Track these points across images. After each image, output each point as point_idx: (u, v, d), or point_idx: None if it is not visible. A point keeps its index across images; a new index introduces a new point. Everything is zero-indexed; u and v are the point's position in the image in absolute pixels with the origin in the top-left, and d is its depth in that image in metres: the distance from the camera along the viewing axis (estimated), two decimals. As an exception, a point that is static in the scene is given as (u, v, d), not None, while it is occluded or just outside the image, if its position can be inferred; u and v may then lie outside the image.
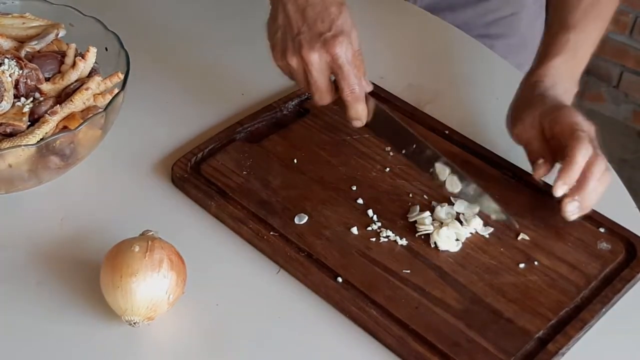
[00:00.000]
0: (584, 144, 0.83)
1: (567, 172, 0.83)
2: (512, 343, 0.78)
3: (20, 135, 0.84)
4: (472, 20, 1.26)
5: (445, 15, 1.24)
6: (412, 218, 0.88)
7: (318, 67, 0.87)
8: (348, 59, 0.86)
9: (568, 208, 0.84)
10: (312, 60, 0.86)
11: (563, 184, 0.83)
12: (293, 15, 0.88)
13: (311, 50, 0.86)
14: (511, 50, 1.23)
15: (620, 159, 2.28)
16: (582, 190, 0.84)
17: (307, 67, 0.87)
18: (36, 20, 0.98)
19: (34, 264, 0.84)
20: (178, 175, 0.92)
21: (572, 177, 0.83)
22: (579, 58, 0.94)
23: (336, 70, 0.87)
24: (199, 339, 0.79)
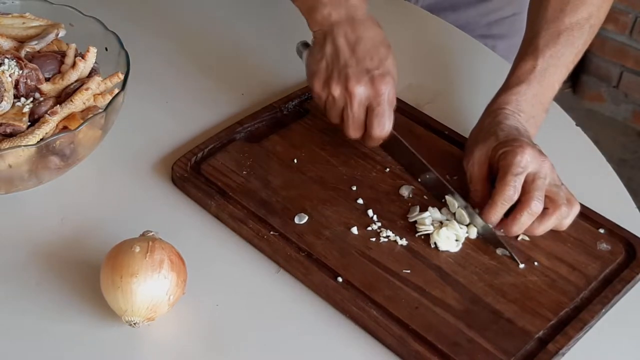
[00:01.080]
0: (505, 188, 0.84)
1: (487, 213, 0.85)
2: (512, 343, 0.78)
3: (20, 136, 0.84)
4: (473, 20, 1.26)
5: (447, 15, 1.24)
6: (412, 218, 0.88)
7: (360, 100, 0.89)
8: (389, 99, 0.89)
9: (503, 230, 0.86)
10: (357, 93, 0.88)
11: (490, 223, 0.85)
12: (343, 48, 0.90)
13: (358, 84, 0.88)
14: (513, 50, 1.22)
15: (620, 159, 2.28)
16: (510, 227, 0.85)
17: (350, 98, 0.89)
18: (36, 20, 0.97)
19: (34, 264, 0.84)
20: (178, 175, 0.92)
21: (492, 218, 0.85)
22: (546, 85, 0.92)
23: (375, 106, 0.89)
24: (199, 339, 0.79)
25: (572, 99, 2.49)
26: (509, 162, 0.85)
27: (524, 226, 0.84)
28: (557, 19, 0.92)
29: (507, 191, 0.84)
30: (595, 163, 1.00)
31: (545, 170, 0.85)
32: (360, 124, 0.90)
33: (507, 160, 0.85)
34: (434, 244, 0.86)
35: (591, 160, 1.01)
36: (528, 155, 0.85)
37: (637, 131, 2.42)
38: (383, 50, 0.91)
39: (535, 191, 0.84)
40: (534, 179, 0.84)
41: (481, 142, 0.89)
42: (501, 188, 0.84)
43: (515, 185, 0.84)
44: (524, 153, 0.84)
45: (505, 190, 0.84)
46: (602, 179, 0.98)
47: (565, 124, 1.06)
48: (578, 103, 2.47)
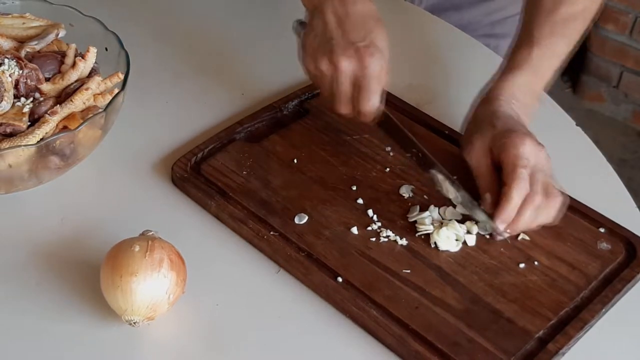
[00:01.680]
0: (520, 183, 0.83)
1: (504, 210, 0.84)
2: (512, 343, 0.78)
3: (20, 135, 0.84)
4: (477, 20, 1.26)
5: (450, 15, 1.24)
6: (412, 218, 0.88)
7: (345, 73, 0.87)
8: (375, 72, 0.87)
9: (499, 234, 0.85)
10: (342, 66, 0.87)
11: (502, 222, 0.84)
12: (330, 22, 0.89)
13: (342, 56, 0.87)
14: None
15: (620, 159, 2.28)
16: (515, 223, 0.84)
17: (336, 72, 0.87)
18: (36, 21, 0.98)
19: (34, 264, 0.84)
20: (178, 175, 0.92)
21: (509, 215, 0.84)
22: (540, 74, 0.92)
23: (361, 79, 0.87)
24: (199, 339, 0.79)
25: (572, 99, 2.49)
26: (513, 154, 0.84)
27: (529, 222, 0.84)
28: (554, 9, 0.92)
29: (521, 186, 0.83)
30: (595, 163, 1.00)
31: (542, 162, 0.85)
32: (347, 98, 0.89)
33: (510, 152, 0.84)
34: (434, 243, 0.86)
35: (591, 160, 1.01)
36: (529, 147, 0.85)
37: (637, 131, 2.42)
38: (371, 23, 0.89)
39: (537, 185, 0.84)
40: (534, 171, 0.84)
41: (479, 132, 0.89)
42: (515, 183, 0.83)
43: (526, 178, 0.84)
44: (525, 144, 0.84)
45: (520, 185, 0.83)
46: (602, 179, 0.98)
47: (565, 124, 1.06)
48: (578, 103, 2.47)
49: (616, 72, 2.39)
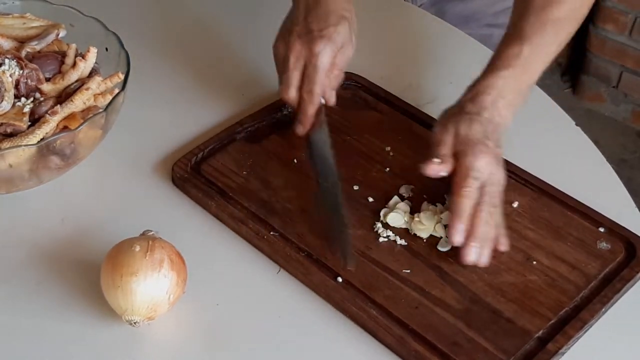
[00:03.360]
0: (466, 198, 0.83)
1: (455, 224, 0.83)
2: (511, 342, 0.78)
3: (21, 135, 0.84)
4: (481, 10, 1.26)
5: (455, 5, 1.25)
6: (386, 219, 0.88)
7: (295, 56, 0.92)
8: (323, 63, 0.91)
9: (470, 257, 0.83)
10: (293, 49, 0.92)
11: (456, 232, 0.83)
12: (300, 11, 0.94)
13: (296, 40, 0.92)
14: None
15: (620, 159, 2.28)
16: (473, 235, 0.83)
17: (288, 53, 0.92)
18: (36, 21, 0.98)
19: (34, 264, 0.84)
20: (178, 175, 0.92)
21: (459, 227, 0.83)
22: (529, 72, 0.92)
23: (308, 66, 0.91)
24: (199, 339, 0.79)
25: (572, 99, 2.49)
26: (469, 163, 0.84)
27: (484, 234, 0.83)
28: (545, 8, 0.92)
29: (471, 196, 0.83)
30: (595, 163, 1.00)
31: (495, 179, 0.85)
32: (290, 82, 0.92)
33: (466, 160, 0.84)
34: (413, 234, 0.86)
35: (591, 160, 1.01)
36: (485, 161, 0.84)
37: (637, 131, 2.42)
38: (333, 18, 0.93)
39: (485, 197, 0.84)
40: (484, 185, 0.84)
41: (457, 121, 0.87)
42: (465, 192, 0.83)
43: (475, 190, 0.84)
44: (483, 158, 0.84)
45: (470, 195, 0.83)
46: (602, 179, 0.98)
47: (565, 124, 1.06)
48: (578, 103, 2.47)
49: (616, 72, 2.39)
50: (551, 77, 2.49)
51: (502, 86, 0.89)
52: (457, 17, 1.25)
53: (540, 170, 0.94)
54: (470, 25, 1.24)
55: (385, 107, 1.03)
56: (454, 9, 1.24)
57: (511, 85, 0.90)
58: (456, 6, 1.25)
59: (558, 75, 2.52)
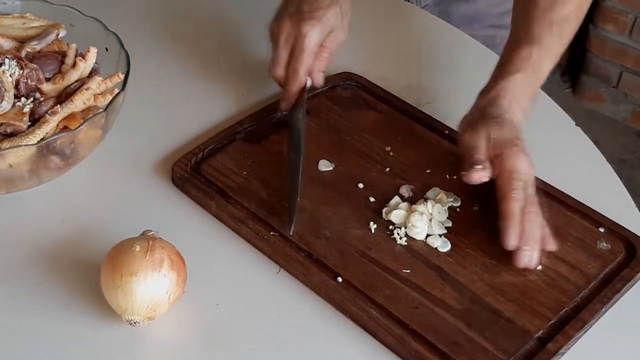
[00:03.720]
0: (516, 200, 0.83)
1: (510, 227, 0.82)
2: (511, 343, 0.78)
3: (21, 135, 0.84)
4: (485, 11, 1.26)
5: (459, 6, 1.25)
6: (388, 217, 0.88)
7: (285, 36, 0.95)
8: (310, 43, 0.95)
9: (524, 260, 0.83)
10: (283, 28, 0.96)
11: (511, 237, 0.82)
12: None
13: (286, 21, 0.96)
14: None
15: (620, 159, 2.28)
16: (526, 237, 0.83)
17: (278, 33, 0.96)
18: (36, 21, 0.98)
19: (34, 264, 0.84)
20: (178, 175, 0.92)
21: (515, 230, 0.83)
22: (539, 74, 0.92)
23: (295, 46, 0.95)
24: (199, 339, 0.79)
25: (572, 99, 2.49)
26: (510, 166, 0.84)
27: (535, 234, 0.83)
28: (550, 8, 0.92)
29: (520, 198, 0.83)
30: (595, 163, 1.00)
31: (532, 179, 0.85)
32: (278, 60, 0.96)
33: (507, 165, 0.84)
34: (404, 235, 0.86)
35: (591, 160, 1.01)
36: (525, 162, 0.85)
37: (636, 131, 2.42)
38: (325, 1, 0.97)
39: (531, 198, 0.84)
40: (526, 186, 0.84)
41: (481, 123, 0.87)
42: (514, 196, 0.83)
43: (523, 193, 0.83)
44: (523, 160, 0.84)
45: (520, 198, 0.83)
46: (602, 179, 0.98)
47: (565, 124, 1.06)
48: (578, 103, 2.47)
49: (616, 72, 2.39)
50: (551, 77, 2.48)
51: (515, 89, 0.90)
52: (461, 18, 1.25)
53: (540, 170, 0.94)
54: (474, 26, 1.24)
55: (385, 107, 1.03)
56: (458, 10, 1.25)
57: (523, 88, 0.90)
58: (460, 7, 1.25)
59: (558, 75, 2.52)
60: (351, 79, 1.06)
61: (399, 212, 0.87)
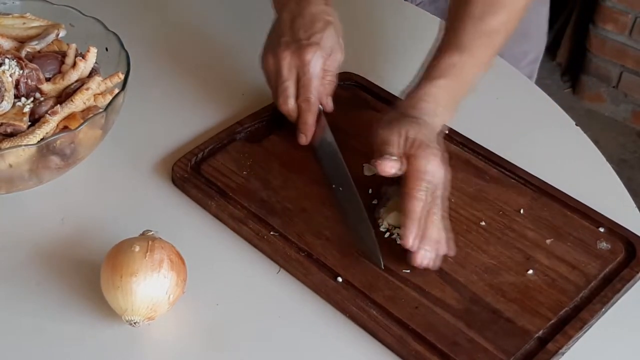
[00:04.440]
0: (419, 200, 0.82)
1: (409, 227, 0.82)
2: (511, 343, 0.78)
3: (21, 135, 0.85)
4: None
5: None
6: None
7: (287, 67, 0.93)
8: (315, 69, 0.93)
9: (422, 260, 0.82)
10: (283, 59, 0.93)
11: (410, 236, 0.82)
12: (284, 22, 0.96)
13: (285, 51, 0.93)
14: (517, 37, 1.22)
15: (620, 159, 2.28)
16: (425, 238, 0.82)
17: (278, 64, 0.93)
18: (36, 21, 0.98)
19: (34, 264, 0.84)
20: (178, 175, 0.92)
21: (414, 230, 0.82)
22: (462, 81, 0.92)
23: (301, 75, 0.93)
24: (199, 339, 0.79)
25: (572, 99, 2.49)
26: (419, 166, 0.83)
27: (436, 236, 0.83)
28: (482, 18, 0.92)
29: (423, 199, 0.83)
30: (595, 163, 1.00)
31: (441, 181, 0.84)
32: (287, 93, 0.94)
33: (417, 164, 0.83)
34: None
35: (591, 160, 1.01)
36: (435, 164, 0.84)
37: (636, 131, 2.42)
38: (319, 24, 0.94)
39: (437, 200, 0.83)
40: (435, 189, 0.84)
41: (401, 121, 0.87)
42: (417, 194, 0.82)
43: (425, 196, 0.83)
44: (433, 161, 0.84)
45: (422, 198, 0.83)
46: (602, 179, 0.98)
47: (565, 124, 1.06)
48: (578, 103, 2.47)
49: (616, 72, 2.39)
50: (551, 77, 2.49)
51: (438, 94, 0.90)
52: None
53: (541, 170, 0.94)
54: None
55: (385, 107, 1.03)
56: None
57: (447, 94, 0.90)
58: None
59: (558, 75, 2.52)
60: (351, 79, 1.06)
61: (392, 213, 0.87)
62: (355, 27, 1.09)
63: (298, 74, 0.93)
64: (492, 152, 0.97)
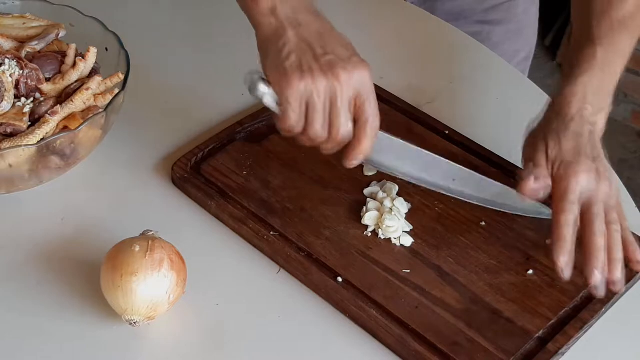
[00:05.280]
0: (567, 225, 0.79)
1: (560, 254, 0.78)
2: (512, 343, 0.78)
3: (21, 135, 0.85)
4: (471, 7, 1.26)
5: (445, 3, 1.25)
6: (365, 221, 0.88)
7: (348, 87, 0.78)
8: (372, 87, 0.81)
9: (599, 291, 0.78)
10: (344, 79, 0.77)
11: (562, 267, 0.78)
12: (311, 39, 0.79)
13: (344, 70, 0.78)
14: (509, 36, 1.23)
15: (620, 159, 2.28)
16: (589, 256, 0.78)
17: (337, 87, 0.77)
18: (36, 21, 0.98)
19: (34, 264, 0.84)
20: (178, 175, 0.92)
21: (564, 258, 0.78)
22: (608, 73, 0.89)
23: (363, 96, 0.79)
24: (199, 339, 0.79)
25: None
26: (564, 186, 0.81)
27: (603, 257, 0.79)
28: (607, 11, 0.89)
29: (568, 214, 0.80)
30: (595, 163, 1.00)
31: (600, 194, 0.81)
32: (347, 119, 0.79)
33: (561, 184, 0.81)
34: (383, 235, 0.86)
35: (591, 160, 1.00)
36: (583, 179, 0.81)
37: (636, 131, 2.42)
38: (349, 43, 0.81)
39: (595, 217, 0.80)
40: (590, 204, 0.81)
41: (545, 138, 0.84)
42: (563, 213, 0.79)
43: (573, 210, 0.80)
44: (579, 177, 0.81)
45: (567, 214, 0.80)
46: (602, 178, 0.98)
47: (565, 123, 1.06)
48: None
49: (616, 72, 2.38)
50: (551, 77, 2.49)
51: (584, 92, 0.86)
52: (446, 14, 1.25)
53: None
54: (460, 23, 1.23)
55: (385, 107, 1.02)
56: (444, 6, 1.24)
57: (593, 89, 0.87)
58: (445, 3, 1.25)
59: (558, 75, 2.52)
60: (351, 79, 1.05)
61: (371, 214, 0.88)
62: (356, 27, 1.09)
63: (357, 94, 0.79)
64: (492, 152, 0.97)
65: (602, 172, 0.82)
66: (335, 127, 0.79)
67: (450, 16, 1.25)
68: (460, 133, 0.99)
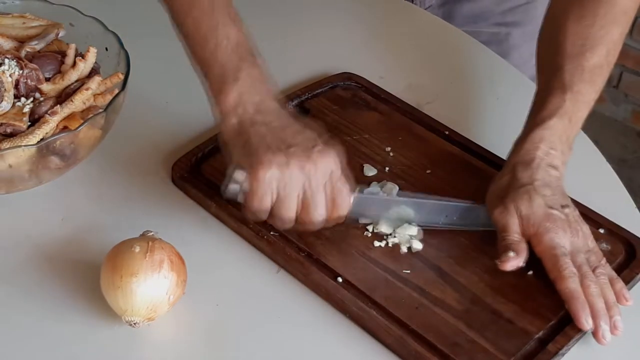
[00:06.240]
0: (570, 277, 0.80)
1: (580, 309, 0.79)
2: (512, 343, 0.78)
3: (21, 136, 0.84)
4: (489, 9, 1.26)
5: (462, 5, 1.25)
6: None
7: (323, 171, 0.81)
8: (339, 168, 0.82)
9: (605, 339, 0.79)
10: (320, 165, 0.80)
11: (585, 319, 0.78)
12: (275, 132, 0.82)
13: (309, 160, 0.80)
14: (526, 38, 1.23)
15: (620, 159, 2.28)
16: (595, 312, 0.79)
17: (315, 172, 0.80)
18: (36, 20, 0.98)
19: (33, 264, 0.84)
20: (178, 175, 0.92)
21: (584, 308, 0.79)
22: (574, 121, 0.89)
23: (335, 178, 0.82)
24: (199, 339, 0.79)
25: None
26: (549, 245, 0.82)
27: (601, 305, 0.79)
28: (579, 55, 0.90)
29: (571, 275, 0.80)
30: (595, 163, 1.00)
31: (579, 244, 0.83)
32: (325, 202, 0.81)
33: (546, 244, 0.82)
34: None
35: (591, 160, 1.01)
36: (561, 234, 0.82)
37: (637, 131, 2.42)
38: (310, 131, 0.84)
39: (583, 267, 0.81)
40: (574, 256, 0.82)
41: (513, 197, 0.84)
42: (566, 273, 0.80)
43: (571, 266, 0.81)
44: (557, 233, 0.82)
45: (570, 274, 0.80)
46: (602, 179, 0.98)
47: (565, 124, 1.06)
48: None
49: (616, 72, 2.39)
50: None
51: (551, 138, 0.87)
52: (465, 17, 1.25)
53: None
54: (479, 25, 1.24)
55: (385, 107, 1.03)
56: (462, 9, 1.25)
57: (559, 135, 0.88)
58: (464, 6, 1.25)
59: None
60: (351, 79, 1.06)
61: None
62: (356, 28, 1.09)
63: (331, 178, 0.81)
64: (492, 152, 0.97)
65: (573, 221, 0.83)
66: (308, 215, 0.81)
67: (469, 19, 1.25)
68: (460, 133, 0.99)
